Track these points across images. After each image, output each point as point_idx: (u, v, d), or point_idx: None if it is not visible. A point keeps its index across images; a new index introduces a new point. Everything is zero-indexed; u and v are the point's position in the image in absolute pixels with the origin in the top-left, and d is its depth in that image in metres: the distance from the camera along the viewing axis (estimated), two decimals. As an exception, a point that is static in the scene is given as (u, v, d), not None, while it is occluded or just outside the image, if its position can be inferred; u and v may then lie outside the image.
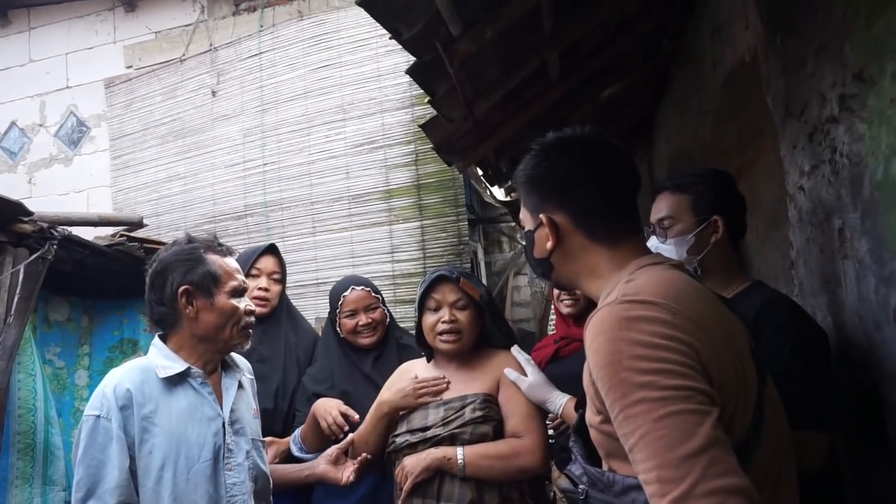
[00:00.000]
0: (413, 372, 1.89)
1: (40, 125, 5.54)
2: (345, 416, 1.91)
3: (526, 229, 1.19)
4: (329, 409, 1.92)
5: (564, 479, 1.14)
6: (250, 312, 1.60)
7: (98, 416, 1.41)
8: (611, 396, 0.89)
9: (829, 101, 1.58)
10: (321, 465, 1.82)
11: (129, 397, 1.44)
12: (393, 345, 2.20)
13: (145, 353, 1.79)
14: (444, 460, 1.65)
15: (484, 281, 4.67)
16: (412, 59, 3.63)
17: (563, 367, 2.45)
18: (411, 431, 1.75)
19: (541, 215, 1.11)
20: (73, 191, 5.39)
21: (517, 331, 6.85)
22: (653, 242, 1.67)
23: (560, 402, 1.79)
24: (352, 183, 4.40)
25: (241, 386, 1.65)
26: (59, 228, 2.98)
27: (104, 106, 5.33)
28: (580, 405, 1.12)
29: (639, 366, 0.86)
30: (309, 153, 4.54)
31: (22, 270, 2.75)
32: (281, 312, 2.35)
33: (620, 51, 3.03)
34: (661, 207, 1.64)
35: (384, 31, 4.06)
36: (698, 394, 0.84)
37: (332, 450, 1.83)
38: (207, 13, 5.07)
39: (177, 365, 1.52)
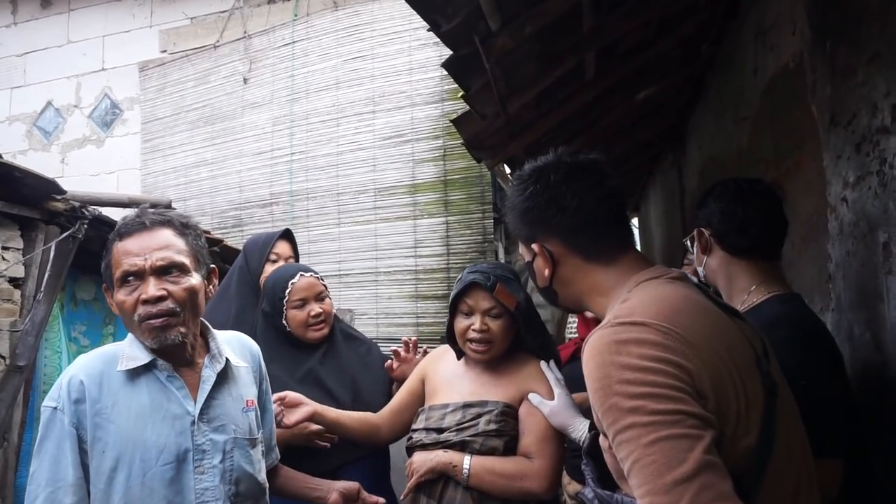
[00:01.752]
0: (445, 360, 1.84)
1: (75, 106, 5.62)
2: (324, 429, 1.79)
3: (526, 260, 1.19)
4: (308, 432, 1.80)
5: (574, 484, 1.12)
6: (146, 301, 1.29)
7: (55, 408, 1.29)
8: (605, 421, 0.89)
9: (880, 111, 1.53)
10: (334, 495, 1.61)
11: (83, 390, 1.30)
12: (338, 338, 2.04)
13: None
14: (450, 466, 1.62)
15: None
16: (444, 53, 3.62)
17: (580, 368, 2.43)
18: (427, 430, 1.71)
19: (533, 245, 1.13)
20: (103, 172, 5.46)
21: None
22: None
23: (583, 429, 1.67)
24: (378, 175, 4.40)
25: (227, 376, 1.44)
26: (90, 208, 3.01)
27: (138, 89, 5.40)
28: (594, 427, 1.08)
29: (628, 390, 0.86)
30: (337, 144, 4.55)
31: (53, 248, 2.79)
32: None
33: (658, 53, 2.98)
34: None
35: (418, 25, 4.08)
36: (689, 417, 0.83)
37: (353, 486, 1.65)
38: (243, 1, 5.10)
39: (142, 356, 1.33)
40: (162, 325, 1.30)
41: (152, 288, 1.29)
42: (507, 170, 3.73)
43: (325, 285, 2.00)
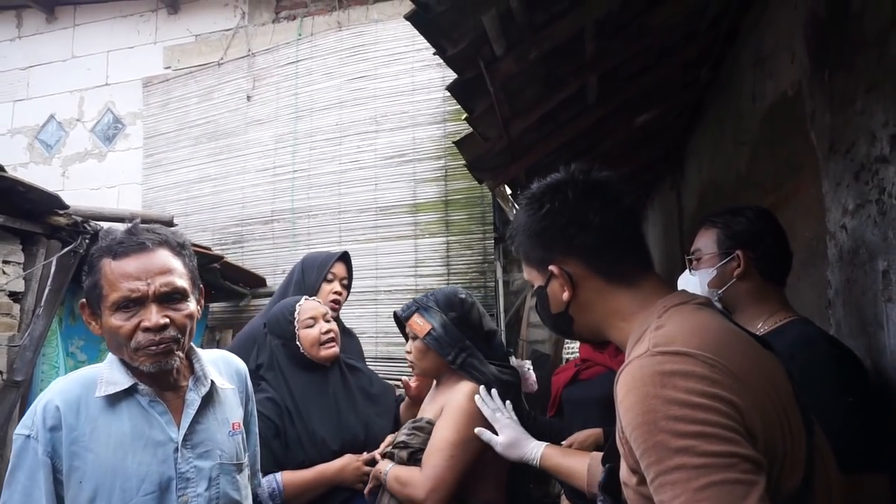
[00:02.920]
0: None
1: (77, 120, 5.65)
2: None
3: (536, 286, 1.11)
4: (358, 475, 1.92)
5: None
6: (149, 329, 1.24)
7: (28, 436, 1.21)
8: (646, 459, 0.82)
9: (879, 140, 1.55)
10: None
11: (59, 417, 1.22)
12: (344, 369, 2.10)
13: None
14: (379, 473, 1.80)
15: (501, 300, 4.64)
16: (447, 74, 3.65)
17: (580, 391, 2.43)
18: (395, 445, 1.85)
19: (550, 267, 1.05)
20: (104, 186, 5.47)
21: (531, 352, 6.78)
22: (684, 275, 1.68)
23: (536, 453, 1.67)
24: (380, 195, 4.42)
25: (212, 399, 1.37)
26: (92, 223, 3.03)
27: (141, 104, 5.43)
28: (608, 458, 1.05)
29: (676, 428, 0.79)
30: (339, 162, 4.58)
31: (54, 263, 2.79)
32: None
33: (659, 78, 3.02)
34: (696, 240, 1.65)
35: (421, 46, 4.13)
36: (743, 461, 0.77)
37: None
38: (248, 19, 5.16)
39: (122, 380, 1.27)
40: (164, 351, 1.26)
41: (156, 316, 1.24)
42: (508, 191, 3.75)
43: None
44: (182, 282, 1.30)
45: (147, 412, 1.29)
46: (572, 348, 7.72)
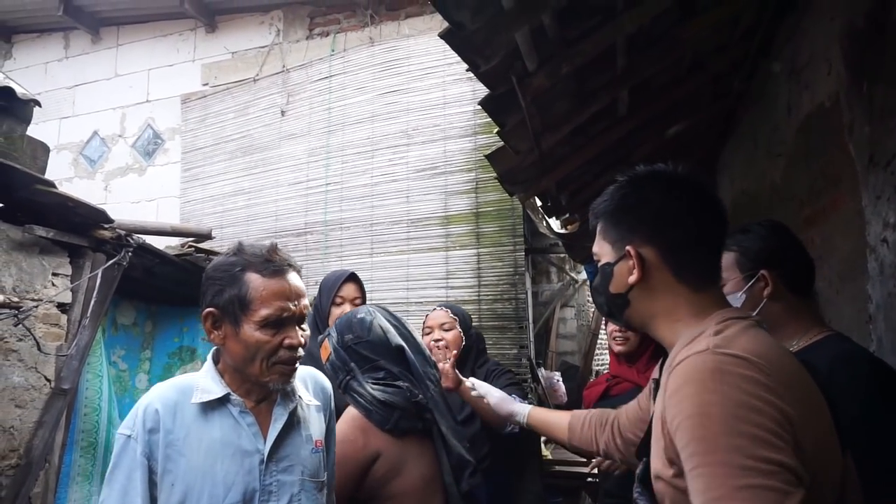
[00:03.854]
0: None
1: (119, 136, 5.84)
2: None
3: (603, 261, 1.14)
4: None
5: None
6: (292, 346, 1.31)
7: (129, 437, 1.26)
8: (690, 448, 0.84)
9: (920, 154, 1.53)
10: None
11: (157, 420, 1.27)
12: None
13: (203, 361, 1.72)
14: None
15: (530, 312, 4.64)
16: (477, 87, 3.68)
17: (611, 406, 2.42)
18: None
19: (627, 247, 1.08)
20: (144, 199, 5.64)
21: (560, 363, 6.75)
22: None
23: (525, 411, 1.76)
24: (411, 207, 4.47)
25: (297, 415, 1.40)
26: (135, 236, 3.12)
27: (179, 120, 5.59)
28: (643, 452, 1.07)
29: (730, 425, 0.81)
30: (371, 175, 4.64)
31: (99, 275, 2.89)
32: None
33: (690, 89, 3.01)
34: None
35: (452, 60, 4.18)
36: (786, 471, 0.79)
37: None
38: (282, 36, 5.28)
39: (216, 389, 1.32)
40: (294, 370, 1.34)
41: (299, 335, 1.32)
42: (539, 203, 3.76)
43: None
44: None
45: (237, 422, 1.32)
46: (602, 360, 7.64)
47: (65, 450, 2.86)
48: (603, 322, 6.11)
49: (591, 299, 7.98)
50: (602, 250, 1.15)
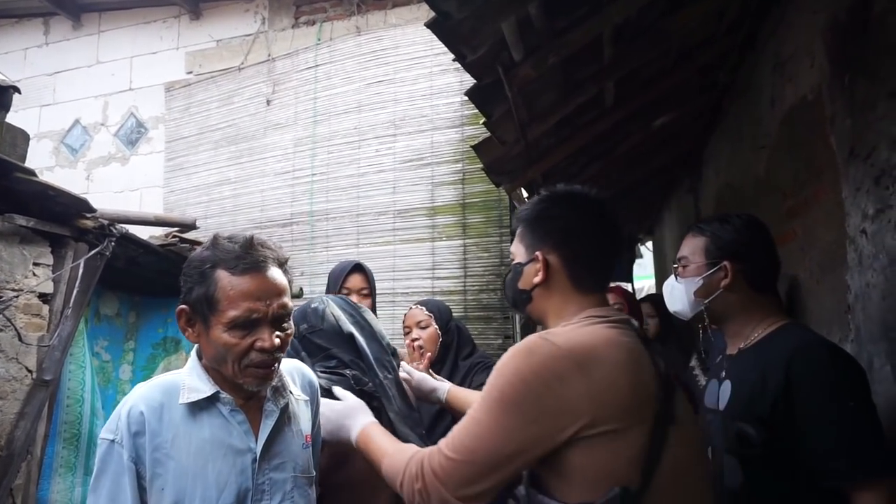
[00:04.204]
0: None
1: (102, 124, 5.76)
2: None
3: (516, 261, 1.34)
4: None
5: None
6: (265, 350, 1.24)
7: (112, 441, 1.20)
8: (484, 388, 1.15)
9: (900, 146, 1.56)
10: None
11: (143, 422, 1.21)
12: None
13: (187, 352, 1.64)
14: None
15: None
16: (465, 78, 3.67)
17: None
18: None
19: (537, 252, 1.28)
20: (127, 189, 5.57)
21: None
22: (668, 281, 1.68)
23: (445, 387, 1.82)
24: (398, 198, 4.45)
25: (288, 412, 1.37)
26: (118, 226, 3.09)
27: (163, 109, 5.52)
28: None
29: (506, 387, 1.11)
30: (358, 166, 4.62)
31: (82, 265, 2.86)
32: None
33: (676, 81, 3.02)
34: (683, 246, 1.65)
35: (439, 51, 4.16)
36: (525, 430, 1.08)
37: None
38: (268, 24, 5.23)
39: (204, 388, 1.27)
40: (271, 372, 1.27)
41: (271, 338, 1.24)
42: (525, 194, 3.77)
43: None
44: (290, 302, 1.30)
45: (227, 421, 1.28)
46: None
47: (47, 441, 2.84)
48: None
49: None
50: (517, 251, 1.35)
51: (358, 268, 2.46)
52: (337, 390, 1.55)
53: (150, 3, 5.58)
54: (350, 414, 1.46)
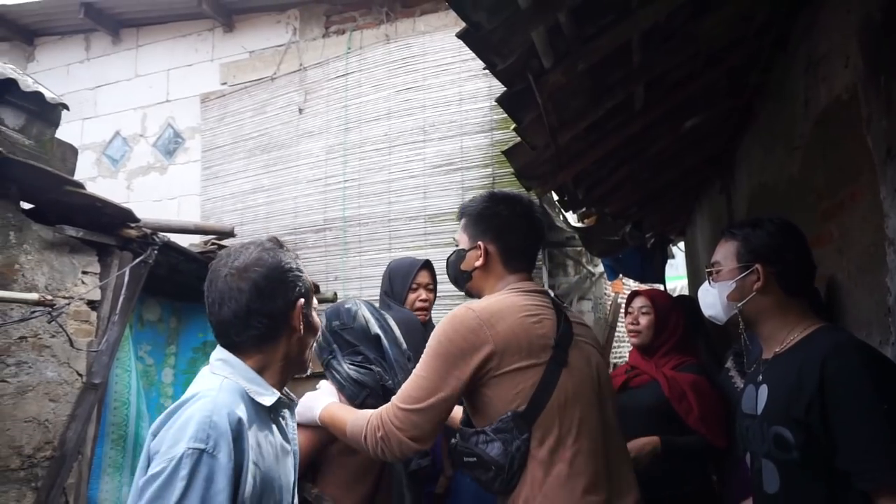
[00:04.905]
0: None
1: (141, 135, 5.94)
2: None
3: (461, 246, 1.69)
4: None
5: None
6: None
7: (203, 451, 1.10)
8: (424, 353, 1.51)
9: (937, 147, 1.54)
10: None
11: (241, 429, 1.16)
12: None
13: None
14: None
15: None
16: (493, 84, 3.70)
17: (630, 399, 2.46)
18: None
19: (479, 241, 1.64)
20: (165, 198, 5.74)
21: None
22: (703, 286, 1.70)
23: (322, 404, 1.78)
24: (429, 203, 4.51)
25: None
26: (160, 235, 3.20)
27: (199, 119, 5.68)
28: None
29: (438, 346, 1.47)
30: (388, 172, 4.69)
31: (127, 273, 2.97)
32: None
33: (706, 83, 3.01)
34: (716, 251, 1.67)
35: (467, 56, 4.20)
36: (450, 375, 1.45)
37: None
38: (299, 35, 5.34)
39: (267, 392, 1.27)
40: None
41: None
42: (556, 197, 3.79)
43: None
44: None
45: (279, 422, 1.33)
46: (620, 353, 7.64)
47: (96, 442, 2.95)
48: (621, 315, 6.11)
49: (608, 292, 7.98)
50: (461, 239, 1.71)
51: (427, 264, 2.68)
52: (321, 383, 1.86)
53: (185, 17, 5.75)
54: (317, 397, 1.76)
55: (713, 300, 1.62)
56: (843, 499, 1.34)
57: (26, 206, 2.78)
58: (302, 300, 1.32)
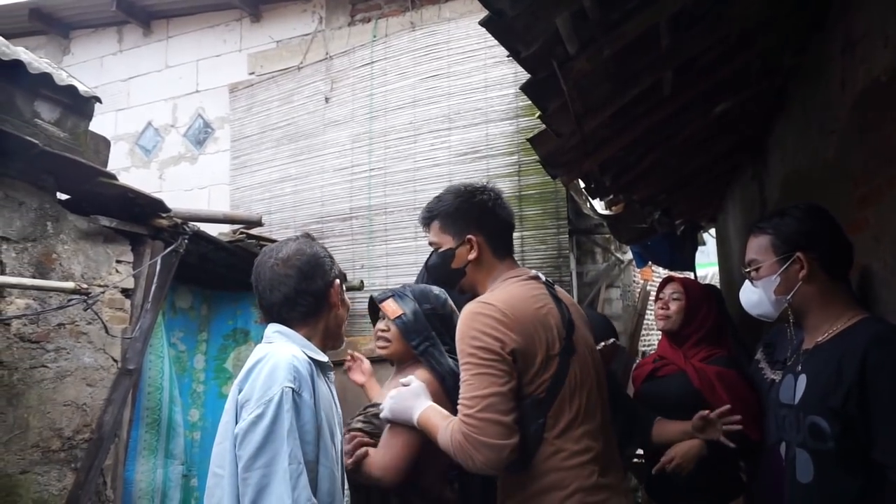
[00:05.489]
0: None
1: (172, 126, 6.05)
2: None
3: (445, 247, 1.68)
4: None
5: None
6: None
7: (294, 390, 1.37)
8: (459, 358, 1.52)
9: (979, 132, 1.48)
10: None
11: (313, 374, 1.45)
12: None
13: (256, 342, 1.87)
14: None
15: (575, 292, 4.63)
16: (518, 70, 3.66)
17: (657, 388, 2.43)
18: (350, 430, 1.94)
19: (468, 236, 1.65)
20: (196, 187, 5.84)
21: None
22: (745, 288, 1.66)
23: (420, 407, 1.75)
24: (455, 191, 4.50)
25: None
26: (190, 224, 3.26)
27: (228, 109, 5.75)
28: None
29: (470, 343, 1.47)
30: (414, 160, 4.70)
31: (159, 262, 3.04)
32: None
33: (737, 66, 2.93)
34: (748, 251, 1.63)
35: (492, 43, 4.17)
36: (498, 366, 1.45)
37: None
38: (325, 23, 5.36)
39: (318, 352, 1.55)
40: None
41: None
42: (582, 185, 3.75)
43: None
44: None
45: (328, 383, 1.56)
46: (648, 341, 7.56)
47: (132, 426, 3.05)
48: (650, 303, 6.04)
49: (637, 279, 7.89)
50: (442, 240, 1.70)
51: None
52: (408, 378, 1.78)
53: (213, 8, 5.81)
54: (413, 398, 1.71)
55: (759, 298, 1.60)
56: (878, 491, 1.31)
57: (62, 196, 2.86)
58: (338, 280, 1.60)
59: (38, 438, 2.62)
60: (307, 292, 1.52)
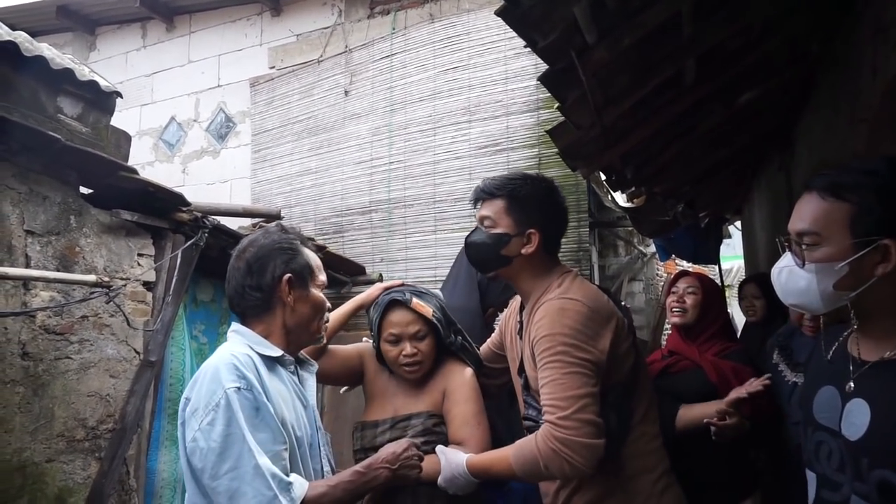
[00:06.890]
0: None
1: (194, 120, 6.11)
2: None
3: (501, 230, 1.62)
4: None
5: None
6: (329, 309, 1.59)
7: (239, 388, 1.31)
8: (541, 354, 1.50)
9: None
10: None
11: (258, 371, 1.37)
12: None
13: None
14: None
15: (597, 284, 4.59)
16: (539, 62, 3.62)
17: (671, 385, 2.37)
18: (365, 451, 1.73)
19: (530, 231, 1.62)
20: (218, 181, 5.90)
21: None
22: (786, 260, 1.19)
23: (461, 458, 1.63)
24: (474, 184, 4.39)
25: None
26: (210, 218, 3.29)
27: (249, 103, 5.79)
28: (521, 370, 1.68)
29: (561, 340, 1.47)
30: (434, 153, 4.68)
31: (180, 255, 3.07)
32: None
33: (762, 54, 2.85)
34: (803, 215, 1.13)
35: (513, 34, 4.11)
36: (589, 366, 1.47)
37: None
38: (344, 16, 5.36)
39: (272, 350, 1.45)
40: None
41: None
42: (603, 177, 3.69)
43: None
44: None
45: (291, 378, 1.50)
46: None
47: (154, 417, 3.09)
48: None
49: (660, 273, 7.79)
50: (501, 221, 1.63)
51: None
52: (439, 448, 1.66)
53: (234, 2, 5.85)
54: (452, 460, 1.61)
55: (807, 286, 1.13)
56: None
57: (85, 191, 2.91)
58: (289, 275, 1.48)
59: (63, 428, 2.67)
60: (254, 287, 1.45)
